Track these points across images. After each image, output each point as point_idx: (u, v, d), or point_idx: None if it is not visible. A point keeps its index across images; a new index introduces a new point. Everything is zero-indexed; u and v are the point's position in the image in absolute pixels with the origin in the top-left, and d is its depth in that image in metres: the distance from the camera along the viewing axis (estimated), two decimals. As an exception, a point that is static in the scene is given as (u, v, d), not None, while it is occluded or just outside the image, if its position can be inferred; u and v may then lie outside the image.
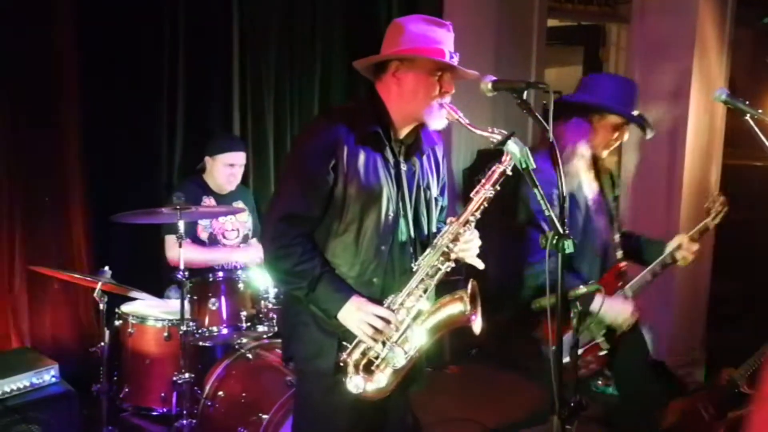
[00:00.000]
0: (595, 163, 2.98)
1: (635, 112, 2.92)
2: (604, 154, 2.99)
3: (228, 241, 4.02)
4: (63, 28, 3.81)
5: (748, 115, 2.66)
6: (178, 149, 4.30)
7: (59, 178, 3.91)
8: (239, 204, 4.08)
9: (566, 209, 1.99)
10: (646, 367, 3.18)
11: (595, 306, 2.72)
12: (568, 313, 2.10)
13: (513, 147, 2.07)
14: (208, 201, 3.97)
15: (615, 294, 2.92)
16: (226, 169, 3.95)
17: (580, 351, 2.87)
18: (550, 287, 2.00)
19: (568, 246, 1.94)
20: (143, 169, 4.22)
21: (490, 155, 4.75)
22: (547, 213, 1.96)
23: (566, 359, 2.49)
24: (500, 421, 4.19)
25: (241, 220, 4.09)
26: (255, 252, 3.90)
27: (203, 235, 3.97)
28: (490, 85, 2.18)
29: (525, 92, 2.10)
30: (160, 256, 3.90)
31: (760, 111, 2.69)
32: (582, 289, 2.04)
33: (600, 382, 4.37)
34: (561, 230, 1.96)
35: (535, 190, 1.98)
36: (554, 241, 1.96)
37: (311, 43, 4.75)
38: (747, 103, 2.68)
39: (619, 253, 3.04)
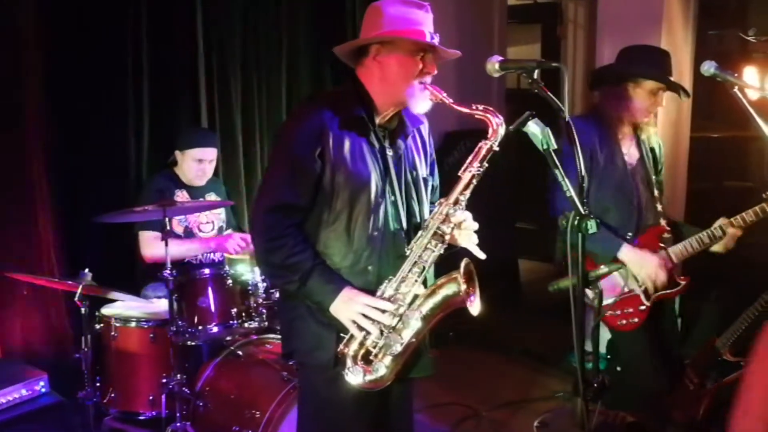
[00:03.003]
0: (635, 130, 3.17)
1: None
2: (644, 120, 3.13)
3: (203, 234, 3.92)
4: (26, 23, 3.65)
5: (736, 87, 2.68)
6: (146, 144, 4.18)
7: (24, 180, 3.74)
8: (212, 196, 3.99)
9: (585, 189, 1.96)
10: (649, 360, 3.25)
11: (621, 254, 2.97)
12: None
13: (534, 128, 2.03)
14: (181, 194, 3.85)
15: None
16: (195, 165, 3.84)
17: (619, 298, 3.09)
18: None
19: (591, 226, 1.92)
20: (110, 166, 4.07)
21: (457, 137, 4.76)
22: (568, 194, 1.93)
23: None
24: (487, 403, 4.20)
25: (215, 212, 3.99)
26: (232, 242, 3.77)
27: (178, 229, 3.85)
28: (497, 65, 2.14)
29: (536, 71, 2.06)
30: (134, 254, 3.77)
31: (747, 83, 2.72)
32: (603, 269, 2.02)
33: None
34: (582, 210, 1.93)
35: (556, 171, 1.95)
36: (575, 222, 1.93)
37: (276, 31, 4.68)
38: (735, 75, 2.70)
39: (663, 221, 3.18)
